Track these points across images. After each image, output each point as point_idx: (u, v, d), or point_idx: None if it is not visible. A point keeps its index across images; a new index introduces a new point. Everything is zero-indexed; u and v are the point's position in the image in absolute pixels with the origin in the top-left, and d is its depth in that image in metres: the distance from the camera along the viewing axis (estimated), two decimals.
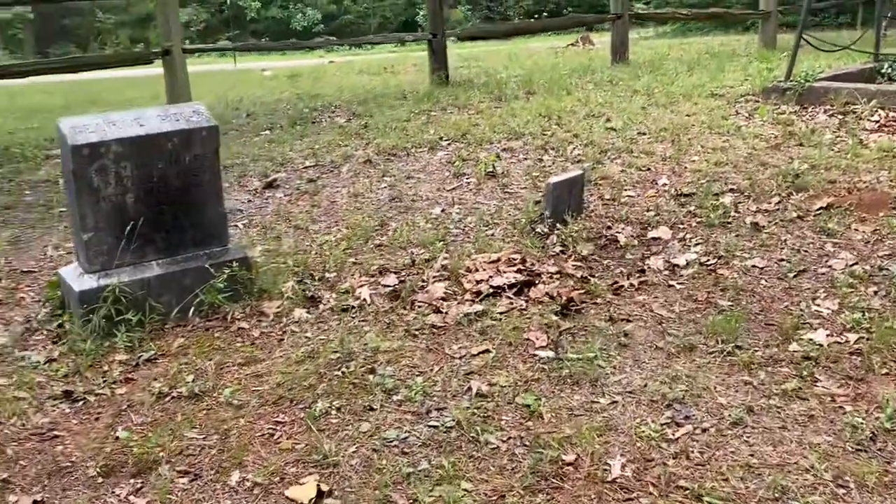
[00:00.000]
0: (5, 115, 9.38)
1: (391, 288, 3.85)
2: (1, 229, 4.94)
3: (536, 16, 28.76)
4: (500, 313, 3.59)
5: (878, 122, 6.08)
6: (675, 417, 2.83)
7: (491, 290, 3.73)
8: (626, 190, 5.09)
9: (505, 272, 3.85)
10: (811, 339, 3.30)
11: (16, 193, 5.67)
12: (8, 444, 2.80)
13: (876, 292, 3.66)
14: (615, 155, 5.74)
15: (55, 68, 8.30)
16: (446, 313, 3.59)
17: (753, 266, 4.02)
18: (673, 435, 2.73)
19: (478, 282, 3.78)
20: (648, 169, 5.42)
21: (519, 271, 3.87)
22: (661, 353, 3.29)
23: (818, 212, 4.54)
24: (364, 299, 3.73)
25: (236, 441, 2.80)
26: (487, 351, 3.29)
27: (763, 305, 3.66)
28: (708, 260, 4.12)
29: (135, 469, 2.67)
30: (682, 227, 4.53)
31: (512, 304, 3.66)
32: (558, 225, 4.48)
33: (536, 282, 3.83)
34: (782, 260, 4.06)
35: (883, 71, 7.73)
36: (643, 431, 2.74)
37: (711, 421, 2.80)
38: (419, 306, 3.66)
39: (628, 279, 3.97)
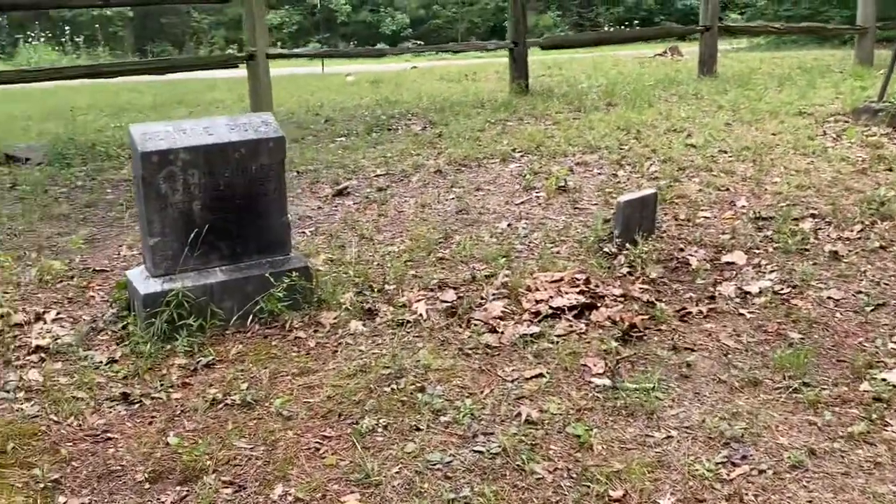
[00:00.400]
0: (96, 112, 9.70)
1: (449, 304, 3.80)
2: (80, 226, 5.08)
3: (627, 24, 28.42)
4: (558, 336, 3.51)
5: None
6: (731, 457, 2.72)
7: (550, 312, 3.65)
8: (701, 210, 4.94)
9: (566, 293, 3.77)
10: (884, 379, 3.13)
11: (97, 191, 5.84)
12: (63, 444, 2.86)
13: None
14: (693, 173, 5.58)
15: (145, 69, 8.56)
16: (502, 333, 3.53)
17: (829, 297, 3.85)
18: (728, 475, 2.62)
19: (537, 302, 3.71)
20: (727, 189, 5.26)
21: (581, 293, 3.78)
22: (724, 386, 3.17)
23: None
24: (420, 314, 3.70)
25: (283, 453, 2.80)
26: (541, 375, 3.22)
27: (836, 340, 3.50)
28: (782, 289, 3.96)
29: (181, 476, 2.70)
30: (757, 252, 4.38)
31: (571, 327, 3.58)
32: (627, 245, 4.37)
33: (599, 305, 3.74)
34: (860, 292, 3.88)
35: None
36: (696, 470, 2.64)
37: (769, 462, 2.68)
38: (475, 324, 3.61)
39: (697, 305, 3.85)
